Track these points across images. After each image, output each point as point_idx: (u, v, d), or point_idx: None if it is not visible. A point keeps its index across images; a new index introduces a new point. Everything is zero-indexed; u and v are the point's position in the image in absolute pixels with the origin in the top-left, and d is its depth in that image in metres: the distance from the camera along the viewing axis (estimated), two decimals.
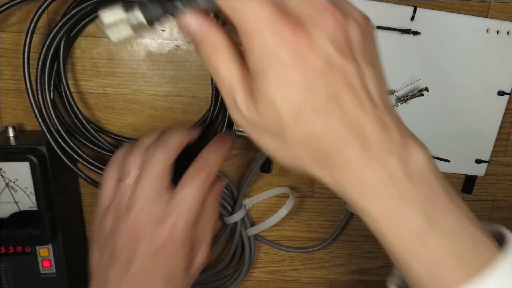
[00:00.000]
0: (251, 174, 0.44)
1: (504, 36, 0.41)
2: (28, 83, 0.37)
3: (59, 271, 0.41)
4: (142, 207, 0.31)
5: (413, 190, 0.24)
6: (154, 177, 0.31)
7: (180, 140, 0.33)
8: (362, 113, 0.23)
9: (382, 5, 0.40)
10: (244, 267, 0.47)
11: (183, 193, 0.31)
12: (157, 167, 0.31)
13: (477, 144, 0.45)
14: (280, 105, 0.23)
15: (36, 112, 0.37)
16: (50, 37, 0.36)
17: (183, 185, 0.31)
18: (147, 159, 0.32)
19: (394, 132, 0.24)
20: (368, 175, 0.24)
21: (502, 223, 0.52)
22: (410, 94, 0.42)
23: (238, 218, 0.45)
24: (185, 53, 0.41)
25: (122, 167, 0.33)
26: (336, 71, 0.22)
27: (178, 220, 0.31)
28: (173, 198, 0.31)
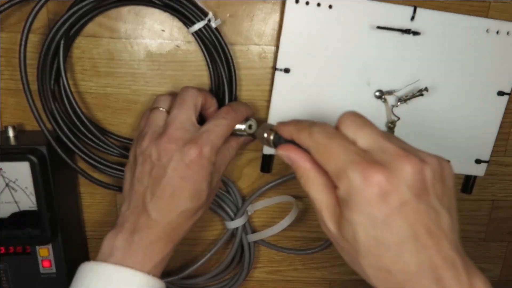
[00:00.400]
0: (261, 190, 0.44)
1: (504, 36, 0.41)
2: (24, 78, 0.37)
3: (59, 271, 0.41)
4: (177, 127, 0.35)
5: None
6: (188, 106, 0.36)
7: (209, 93, 0.39)
8: (436, 254, 0.25)
9: (382, 5, 0.40)
10: (243, 272, 0.47)
11: (215, 122, 0.36)
12: (190, 98, 0.37)
13: (477, 144, 0.45)
14: (359, 234, 0.26)
15: (33, 108, 0.37)
16: (50, 35, 0.36)
17: (217, 117, 0.37)
18: (181, 94, 0.37)
19: (462, 272, 0.26)
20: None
21: (502, 223, 0.52)
22: (410, 94, 0.42)
23: (239, 224, 0.45)
24: (185, 53, 0.41)
25: (154, 102, 0.38)
26: (411, 212, 0.25)
27: (207, 142, 0.35)
28: (204, 126, 0.36)
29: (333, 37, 0.40)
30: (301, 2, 0.39)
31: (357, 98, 0.42)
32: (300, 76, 0.41)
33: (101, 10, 0.38)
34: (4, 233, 0.38)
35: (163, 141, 0.35)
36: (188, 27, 0.39)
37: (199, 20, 0.38)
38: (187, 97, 0.37)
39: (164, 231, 0.35)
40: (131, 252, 0.34)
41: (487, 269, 0.53)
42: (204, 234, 0.48)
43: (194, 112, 0.36)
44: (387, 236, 0.26)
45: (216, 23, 0.39)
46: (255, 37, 0.41)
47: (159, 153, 0.35)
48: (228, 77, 0.40)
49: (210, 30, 0.39)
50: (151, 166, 0.35)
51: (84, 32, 0.40)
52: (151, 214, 0.34)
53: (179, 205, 0.35)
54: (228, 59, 0.40)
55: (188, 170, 0.34)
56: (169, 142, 0.35)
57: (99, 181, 0.42)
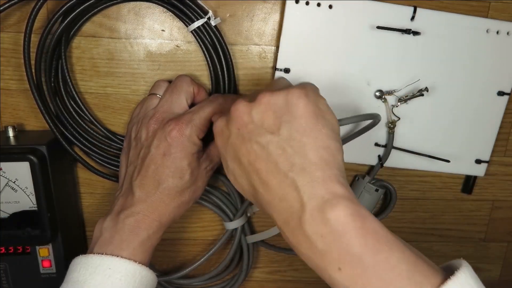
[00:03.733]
0: None
1: (504, 36, 0.41)
2: (30, 77, 0.37)
3: (59, 271, 0.41)
4: (165, 110, 0.37)
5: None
6: (179, 91, 0.38)
7: (202, 87, 0.40)
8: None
9: (382, 5, 0.40)
10: (242, 274, 0.47)
11: (200, 105, 0.38)
12: (183, 84, 0.38)
13: (477, 144, 0.45)
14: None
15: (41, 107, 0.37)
16: (48, 26, 0.36)
17: (204, 101, 0.38)
18: (174, 81, 0.39)
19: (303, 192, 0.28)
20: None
21: (502, 223, 0.52)
22: (410, 94, 0.42)
23: (238, 225, 0.45)
24: (185, 53, 0.41)
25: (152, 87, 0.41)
26: (233, 144, 0.32)
27: (188, 121, 0.36)
28: (191, 108, 0.38)
29: (333, 37, 0.40)
30: (301, 2, 0.39)
31: (357, 98, 0.42)
32: (300, 76, 0.41)
33: (101, 7, 0.38)
34: (4, 233, 0.38)
35: (151, 123, 0.37)
36: (187, 25, 0.39)
37: (199, 18, 0.38)
38: (179, 83, 0.38)
39: (147, 209, 0.35)
40: (117, 230, 0.34)
41: (487, 269, 0.53)
42: (204, 234, 0.48)
43: (185, 98, 0.38)
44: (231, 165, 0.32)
45: (216, 21, 0.39)
46: (255, 37, 0.41)
47: (147, 134, 0.37)
48: (227, 75, 0.40)
49: (210, 29, 0.39)
50: (141, 147, 0.37)
51: (84, 32, 0.40)
52: (135, 192, 0.36)
53: (160, 181, 0.36)
54: (227, 57, 0.40)
55: (169, 147, 0.36)
56: (155, 123, 0.37)
57: (101, 172, 0.43)
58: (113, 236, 0.34)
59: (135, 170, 0.36)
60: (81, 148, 0.41)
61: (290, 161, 0.28)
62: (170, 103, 0.38)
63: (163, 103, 0.38)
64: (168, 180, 0.36)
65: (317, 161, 0.28)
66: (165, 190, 0.36)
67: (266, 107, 0.30)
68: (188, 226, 0.47)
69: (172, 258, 0.49)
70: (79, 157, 0.41)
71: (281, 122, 0.29)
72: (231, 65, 0.40)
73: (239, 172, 0.32)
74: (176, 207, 0.37)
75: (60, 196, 0.40)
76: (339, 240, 0.26)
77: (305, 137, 0.29)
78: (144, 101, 0.40)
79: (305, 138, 0.29)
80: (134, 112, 0.40)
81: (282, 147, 0.29)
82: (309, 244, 0.27)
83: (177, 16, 0.39)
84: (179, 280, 0.47)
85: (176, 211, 0.37)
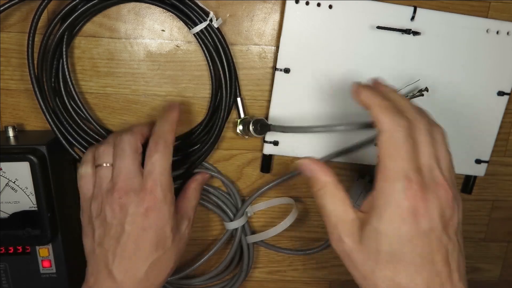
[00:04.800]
0: (261, 191, 0.44)
1: (504, 36, 0.41)
2: (33, 77, 0.37)
3: (59, 271, 0.41)
4: (125, 180, 0.34)
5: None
6: (127, 154, 0.34)
7: (142, 126, 0.37)
8: (446, 281, 0.28)
9: (382, 5, 0.40)
10: (242, 274, 0.47)
11: (151, 161, 0.34)
12: (127, 146, 0.35)
13: (477, 144, 0.45)
14: (383, 245, 0.28)
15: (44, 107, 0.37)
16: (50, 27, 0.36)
17: (149, 155, 0.35)
18: (118, 143, 0.35)
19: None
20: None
21: (502, 223, 0.52)
22: (410, 94, 0.42)
23: (238, 225, 0.45)
24: (185, 53, 0.41)
25: (95, 157, 0.36)
26: (436, 239, 0.28)
27: (155, 183, 0.33)
28: (145, 169, 0.34)
29: (333, 37, 0.40)
30: (301, 2, 0.39)
31: None
32: (300, 76, 0.41)
33: (103, 6, 0.38)
34: (4, 233, 0.38)
35: (114, 198, 0.33)
36: (190, 28, 0.39)
37: (201, 21, 0.38)
38: (124, 146, 0.35)
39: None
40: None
41: (487, 269, 0.53)
42: (204, 234, 0.48)
43: (135, 158, 0.35)
44: (410, 254, 0.28)
45: (218, 22, 0.39)
46: (255, 37, 0.41)
47: (113, 211, 0.33)
48: (228, 77, 0.40)
49: (212, 31, 0.39)
50: (109, 227, 0.33)
51: (84, 32, 0.40)
52: (117, 277, 0.32)
53: (145, 259, 0.33)
54: (228, 60, 0.40)
55: (147, 220, 0.33)
56: (120, 197, 0.33)
57: None
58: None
59: (108, 253, 0.33)
60: (81, 149, 0.40)
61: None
62: (126, 170, 0.34)
63: (117, 172, 0.34)
64: (153, 255, 0.33)
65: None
66: (151, 266, 0.33)
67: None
68: None
69: None
70: (79, 157, 0.41)
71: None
72: (232, 67, 0.40)
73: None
74: (164, 278, 0.35)
75: (60, 196, 0.40)
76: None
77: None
78: (90, 177, 0.36)
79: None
80: (84, 188, 0.36)
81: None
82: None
83: (179, 18, 0.39)
84: (179, 280, 0.47)
85: (163, 282, 0.35)
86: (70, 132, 0.40)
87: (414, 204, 0.28)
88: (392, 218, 0.28)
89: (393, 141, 0.28)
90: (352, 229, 0.30)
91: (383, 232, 0.28)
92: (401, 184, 0.28)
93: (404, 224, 0.28)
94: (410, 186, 0.28)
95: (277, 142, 0.43)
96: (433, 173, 0.29)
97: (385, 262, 0.28)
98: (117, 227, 0.33)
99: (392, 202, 0.28)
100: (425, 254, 0.28)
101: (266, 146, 0.43)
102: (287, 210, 0.48)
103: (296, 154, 0.44)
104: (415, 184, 0.28)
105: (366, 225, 0.29)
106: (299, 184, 0.47)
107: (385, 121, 0.29)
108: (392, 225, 0.28)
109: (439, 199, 0.28)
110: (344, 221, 0.30)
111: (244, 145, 0.45)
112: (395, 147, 0.28)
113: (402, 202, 0.28)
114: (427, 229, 0.28)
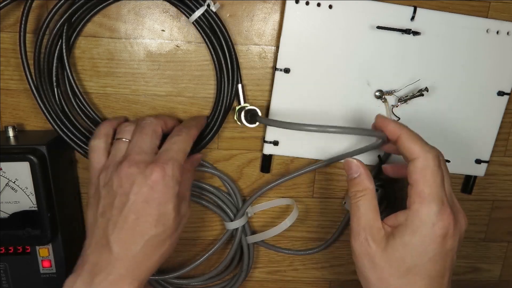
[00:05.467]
0: (261, 192, 0.44)
1: (504, 36, 0.41)
2: (29, 77, 0.37)
3: (59, 271, 0.41)
4: (137, 151, 0.34)
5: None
6: (146, 132, 0.35)
7: (168, 117, 0.40)
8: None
9: (382, 5, 0.40)
10: (242, 274, 0.47)
11: (170, 141, 0.36)
12: (151, 125, 0.36)
13: (477, 144, 0.45)
14: (408, 256, 0.32)
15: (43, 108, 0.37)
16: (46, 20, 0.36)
17: (169, 137, 0.36)
18: (140, 122, 0.37)
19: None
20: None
21: (502, 223, 0.52)
22: (410, 94, 0.42)
23: (239, 225, 0.45)
24: (185, 53, 0.41)
25: (117, 131, 0.37)
26: (451, 256, 0.34)
27: (168, 160, 0.34)
28: (162, 147, 0.35)
29: (333, 37, 0.40)
30: (301, 2, 0.39)
31: (357, 98, 0.42)
32: (300, 76, 0.41)
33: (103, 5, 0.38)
34: (4, 233, 0.38)
35: (123, 167, 0.33)
36: (188, 16, 0.39)
37: (198, 7, 0.38)
38: (145, 124, 0.36)
39: (128, 268, 0.32)
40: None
41: (487, 269, 0.53)
42: (204, 233, 0.48)
43: (154, 138, 0.35)
44: (430, 268, 0.33)
45: (216, 7, 0.38)
46: (255, 37, 0.41)
47: (121, 180, 0.33)
48: (230, 61, 0.40)
49: (210, 17, 0.38)
50: (114, 196, 0.33)
51: (84, 32, 0.40)
52: (113, 248, 0.32)
53: (143, 233, 0.32)
54: (228, 43, 0.39)
55: (152, 192, 0.32)
56: (129, 166, 0.33)
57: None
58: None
59: (109, 223, 0.32)
60: (84, 148, 0.40)
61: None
62: (141, 145, 0.35)
63: (133, 145, 0.35)
64: (151, 230, 0.32)
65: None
66: (148, 242, 0.33)
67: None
68: (188, 226, 0.47)
69: (171, 258, 0.48)
70: (84, 155, 0.41)
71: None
72: (233, 51, 0.40)
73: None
74: (157, 261, 0.34)
75: (60, 196, 0.40)
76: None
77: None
78: (102, 150, 0.36)
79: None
80: (95, 161, 0.36)
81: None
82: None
83: (176, 7, 0.39)
84: (179, 280, 0.47)
85: (156, 265, 0.34)
86: (73, 131, 0.40)
87: (447, 226, 0.32)
88: (425, 236, 0.32)
89: (429, 169, 0.32)
90: (378, 235, 0.34)
91: (412, 247, 0.32)
92: (437, 208, 0.32)
93: (434, 243, 0.32)
94: (444, 210, 0.32)
95: (277, 142, 0.43)
96: (453, 199, 0.34)
97: (405, 271, 0.33)
98: (121, 197, 0.33)
99: (428, 222, 0.32)
100: (441, 269, 0.33)
101: (266, 146, 0.44)
102: (288, 210, 0.48)
103: (296, 154, 0.44)
104: (447, 208, 0.32)
105: (396, 237, 0.33)
106: (299, 184, 0.47)
107: (418, 149, 0.33)
108: (423, 243, 0.32)
109: (460, 223, 0.34)
110: (373, 227, 0.34)
111: (244, 145, 0.45)
112: (431, 174, 0.32)
113: (437, 222, 0.32)
114: (449, 249, 0.33)
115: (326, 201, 0.48)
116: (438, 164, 0.33)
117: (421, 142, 0.34)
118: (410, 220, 0.33)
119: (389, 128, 0.35)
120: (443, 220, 0.32)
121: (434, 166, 0.32)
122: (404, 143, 0.34)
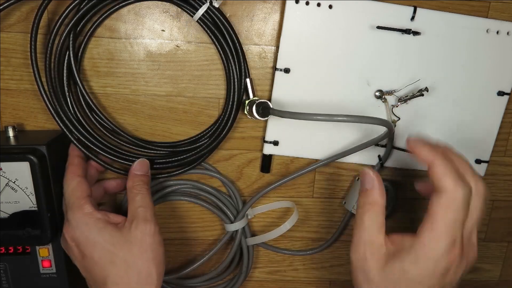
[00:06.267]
0: (261, 194, 0.44)
1: (504, 36, 0.41)
2: (38, 78, 0.37)
3: (59, 271, 0.41)
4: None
5: None
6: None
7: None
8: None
9: (382, 5, 0.40)
10: (242, 275, 0.47)
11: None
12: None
13: (477, 144, 0.45)
14: (404, 279, 0.32)
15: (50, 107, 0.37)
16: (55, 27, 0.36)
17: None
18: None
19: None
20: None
21: (502, 223, 0.52)
22: (410, 94, 0.42)
23: (239, 227, 0.45)
24: (185, 53, 0.41)
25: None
26: (448, 282, 0.33)
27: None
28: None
29: (333, 37, 0.40)
30: (301, 2, 0.39)
31: (357, 98, 0.42)
32: (300, 76, 0.41)
33: (111, 10, 0.38)
34: (4, 233, 0.38)
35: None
36: (191, 15, 0.39)
37: (201, 4, 0.38)
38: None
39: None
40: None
41: (487, 269, 0.53)
42: (204, 234, 0.48)
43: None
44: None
45: (218, 2, 0.38)
46: (255, 37, 0.41)
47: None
48: (236, 55, 0.40)
49: (214, 14, 0.38)
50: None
51: (85, 32, 0.40)
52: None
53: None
54: (232, 38, 0.39)
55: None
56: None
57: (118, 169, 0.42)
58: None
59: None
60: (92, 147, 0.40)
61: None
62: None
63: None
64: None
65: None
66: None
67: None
68: (188, 226, 0.48)
69: (172, 258, 0.48)
70: (103, 164, 0.41)
71: None
72: (239, 45, 0.40)
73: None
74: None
75: (60, 196, 0.40)
76: None
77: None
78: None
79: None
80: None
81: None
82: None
83: (180, 7, 0.39)
84: (179, 280, 0.47)
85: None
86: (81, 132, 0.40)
87: (450, 263, 0.31)
88: (425, 269, 0.31)
89: (452, 207, 0.31)
90: (378, 252, 0.33)
91: (410, 276, 0.32)
92: (446, 247, 0.31)
93: (433, 278, 0.32)
94: (452, 250, 0.31)
95: (277, 142, 0.43)
96: (472, 236, 0.33)
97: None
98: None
99: (432, 257, 0.31)
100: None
101: (266, 146, 0.44)
102: (288, 211, 0.48)
103: (296, 154, 0.44)
104: (457, 249, 0.31)
105: (396, 261, 0.32)
106: (299, 184, 0.47)
107: (449, 183, 0.31)
108: (422, 274, 0.31)
109: (467, 259, 0.33)
110: (374, 243, 0.33)
111: (244, 145, 0.45)
112: (453, 212, 0.31)
113: (441, 260, 0.31)
114: (448, 283, 0.32)
115: (326, 201, 0.48)
116: (464, 203, 0.31)
117: (453, 175, 0.31)
118: (414, 249, 0.32)
119: (422, 154, 0.33)
120: (448, 258, 0.31)
121: (459, 205, 0.31)
122: (436, 174, 0.32)
